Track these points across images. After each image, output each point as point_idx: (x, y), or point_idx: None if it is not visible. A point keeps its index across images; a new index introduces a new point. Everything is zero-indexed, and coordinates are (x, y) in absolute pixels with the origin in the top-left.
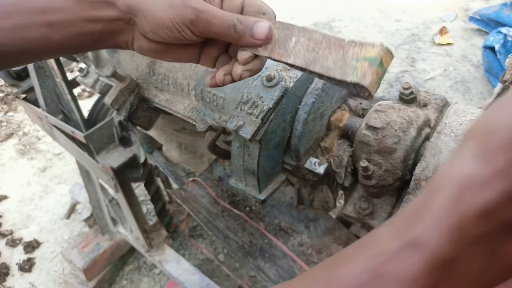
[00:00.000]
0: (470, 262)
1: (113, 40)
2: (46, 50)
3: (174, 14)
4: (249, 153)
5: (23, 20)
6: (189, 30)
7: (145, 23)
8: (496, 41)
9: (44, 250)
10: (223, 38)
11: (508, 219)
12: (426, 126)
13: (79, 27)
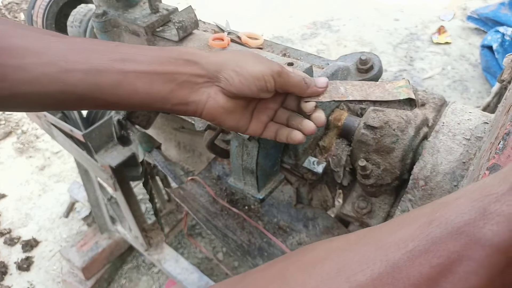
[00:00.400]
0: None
1: (183, 98)
2: (114, 98)
3: (264, 67)
4: (248, 152)
5: (100, 66)
6: (273, 81)
7: (235, 76)
8: (494, 40)
9: (43, 249)
10: (295, 89)
11: None
12: (424, 125)
13: (154, 79)
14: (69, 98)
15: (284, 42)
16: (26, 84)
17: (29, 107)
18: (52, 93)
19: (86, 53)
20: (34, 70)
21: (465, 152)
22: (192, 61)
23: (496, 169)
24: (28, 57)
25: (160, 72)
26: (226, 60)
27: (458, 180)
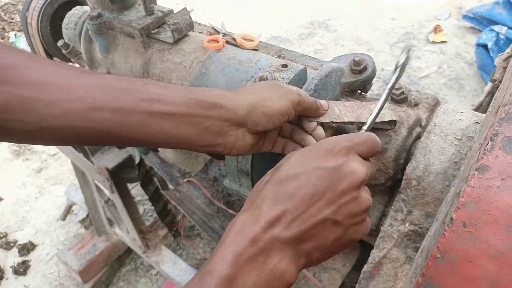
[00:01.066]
0: (246, 275)
1: (211, 140)
2: (140, 137)
3: (285, 101)
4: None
5: (127, 105)
6: (294, 110)
7: (262, 117)
8: (489, 39)
9: (40, 252)
10: (309, 112)
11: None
12: (417, 125)
13: (181, 121)
14: (94, 135)
15: (282, 42)
16: (54, 119)
17: (53, 141)
18: (78, 129)
19: (114, 91)
20: (63, 105)
21: (456, 152)
22: (219, 104)
23: (484, 170)
24: (59, 93)
25: (186, 114)
26: (252, 102)
27: (450, 179)
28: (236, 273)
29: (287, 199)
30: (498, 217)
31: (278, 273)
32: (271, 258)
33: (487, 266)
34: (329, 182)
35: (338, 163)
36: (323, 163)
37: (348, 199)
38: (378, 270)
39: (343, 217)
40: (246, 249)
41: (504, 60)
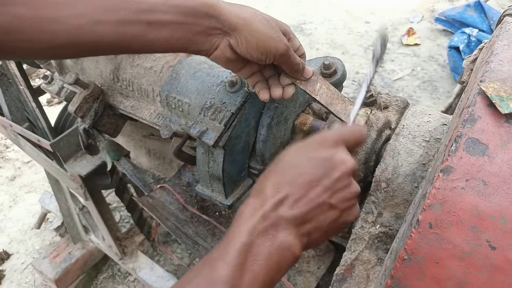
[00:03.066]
0: (261, 245)
1: (199, 46)
2: (139, 46)
3: (271, 46)
4: (214, 159)
5: (128, 16)
6: (274, 59)
7: (244, 42)
8: (461, 41)
9: (14, 261)
10: (288, 69)
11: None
12: (387, 128)
13: (175, 29)
14: (100, 47)
15: None
16: (61, 35)
17: (62, 57)
18: (84, 43)
19: (115, 4)
20: (68, 22)
21: (424, 153)
22: (212, 14)
23: (449, 171)
24: (62, 10)
25: (182, 22)
26: (242, 22)
27: (418, 181)
28: (252, 242)
29: (289, 185)
30: (463, 218)
31: (287, 246)
32: (280, 232)
33: (453, 267)
34: (324, 171)
35: (329, 154)
36: (316, 154)
37: (341, 186)
38: (350, 272)
39: (338, 201)
40: (259, 224)
41: (472, 62)
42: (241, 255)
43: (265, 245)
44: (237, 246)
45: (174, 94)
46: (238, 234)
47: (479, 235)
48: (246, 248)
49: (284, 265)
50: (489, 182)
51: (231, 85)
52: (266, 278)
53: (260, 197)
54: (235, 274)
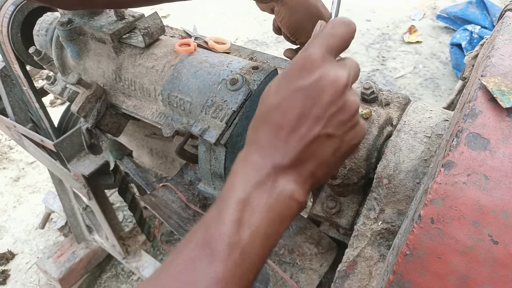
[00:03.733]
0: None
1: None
2: None
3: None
4: (216, 157)
5: None
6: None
7: (282, 15)
8: (463, 38)
9: (19, 261)
10: None
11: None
12: (388, 124)
13: None
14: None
15: (259, 45)
16: None
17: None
18: None
19: None
20: None
21: (426, 149)
22: None
23: (450, 166)
24: None
25: None
26: None
27: (420, 177)
28: (248, 197)
29: (276, 128)
30: (465, 213)
31: (288, 194)
32: (277, 182)
33: (455, 262)
34: (311, 100)
35: (314, 77)
36: (300, 82)
37: (334, 110)
38: (352, 269)
39: (334, 128)
40: (254, 176)
41: (473, 58)
42: (238, 210)
43: (262, 197)
44: (232, 202)
45: (175, 93)
46: (232, 190)
47: (481, 230)
48: (242, 202)
49: (288, 215)
50: (491, 176)
51: (232, 83)
52: (268, 230)
53: (251, 148)
54: (232, 231)
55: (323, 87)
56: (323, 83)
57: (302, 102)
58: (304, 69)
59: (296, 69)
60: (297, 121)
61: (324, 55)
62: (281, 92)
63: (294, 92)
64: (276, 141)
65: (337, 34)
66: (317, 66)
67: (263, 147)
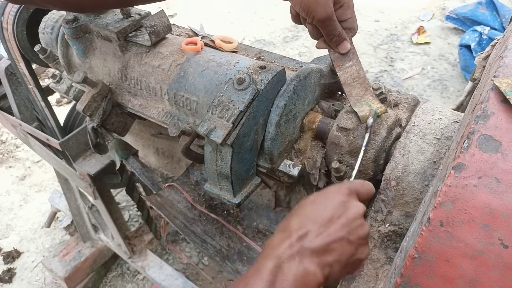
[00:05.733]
0: (288, 268)
1: None
2: None
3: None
4: (222, 157)
5: None
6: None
7: None
8: (472, 40)
9: (25, 259)
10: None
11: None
12: (397, 126)
13: None
14: None
15: (266, 45)
16: None
17: None
18: None
19: None
20: None
21: (435, 151)
22: None
23: (461, 168)
24: None
25: None
26: None
27: (429, 179)
28: (281, 265)
29: (310, 222)
30: (475, 216)
31: (311, 272)
32: (304, 259)
33: (464, 266)
34: (341, 211)
35: (344, 199)
36: (333, 199)
37: (356, 225)
38: (359, 271)
39: (354, 237)
40: (285, 251)
41: (484, 59)
42: (272, 274)
43: (292, 267)
44: (268, 267)
45: (182, 92)
46: (268, 258)
47: (491, 234)
48: (276, 269)
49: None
50: (502, 179)
51: (239, 83)
52: None
53: (285, 231)
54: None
55: (350, 207)
56: (350, 204)
57: (334, 211)
58: (337, 192)
59: (330, 191)
60: (328, 222)
61: (352, 191)
62: (319, 201)
63: (329, 202)
64: (308, 231)
65: (365, 187)
66: (346, 194)
67: (295, 232)
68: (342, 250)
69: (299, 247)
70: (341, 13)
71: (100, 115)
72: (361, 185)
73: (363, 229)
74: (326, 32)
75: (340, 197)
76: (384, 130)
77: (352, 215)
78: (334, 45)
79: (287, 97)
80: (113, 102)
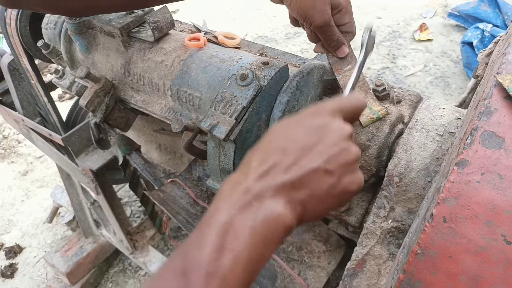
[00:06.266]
0: (242, 221)
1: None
2: None
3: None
4: (225, 153)
5: None
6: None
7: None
8: (474, 37)
9: (27, 255)
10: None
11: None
12: (399, 122)
13: None
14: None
15: (268, 41)
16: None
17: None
18: None
19: None
20: None
21: (438, 148)
22: None
23: (464, 165)
24: None
25: None
26: None
27: (432, 176)
28: (232, 219)
29: (276, 154)
30: (478, 212)
31: (274, 216)
32: (264, 203)
33: (467, 262)
34: (318, 137)
35: (324, 121)
36: (310, 122)
37: (338, 150)
38: (361, 267)
39: (335, 166)
40: (239, 198)
41: (487, 56)
42: (219, 235)
43: (247, 219)
44: (213, 227)
45: (185, 88)
46: (216, 212)
47: (494, 230)
48: (225, 226)
49: (274, 238)
50: (505, 175)
51: (242, 79)
52: (252, 255)
53: (244, 170)
54: (211, 257)
55: (331, 130)
56: (331, 126)
57: (309, 137)
58: (316, 113)
59: (308, 112)
60: (300, 151)
61: (335, 110)
62: (290, 127)
63: (302, 128)
64: (272, 165)
65: (351, 103)
66: (328, 114)
67: (256, 169)
68: (318, 183)
69: (258, 188)
70: (339, 17)
71: (103, 111)
72: (347, 101)
73: (347, 153)
74: (324, 38)
75: (318, 120)
76: (387, 126)
77: (332, 139)
78: (332, 50)
79: (290, 93)
80: (116, 97)
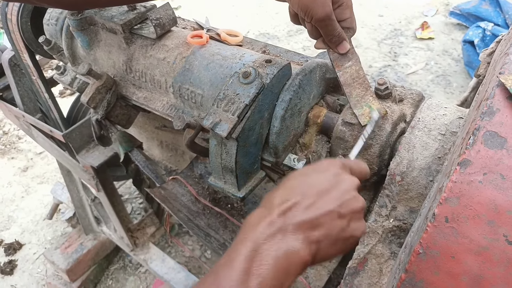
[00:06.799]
0: (268, 250)
1: None
2: None
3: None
4: (227, 151)
5: None
6: (311, 20)
7: None
8: (475, 35)
9: (26, 251)
10: (324, 36)
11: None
12: (401, 121)
13: None
14: None
15: (270, 39)
16: None
17: None
18: None
19: None
20: None
21: (440, 147)
22: None
23: (466, 164)
24: None
25: None
26: None
27: (433, 175)
28: (258, 247)
29: (297, 195)
30: (480, 212)
31: (295, 250)
32: (287, 237)
33: (469, 262)
34: (333, 183)
35: (337, 171)
36: (325, 171)
37: (349, 197)
38: (363, 266)
39: (346, 210)
40: (266, 229)
41: (489, 55)
42: (247, 260)
43: (271, 249)
44: (243, 252)
45: (187, 85)
46: (244, 240)
47: (496, 230)
48: (252, 253)
49: (293, 270)
50: (507, 176)
51: (245, 76)
52: (274, 282)
53: (267, 206)
54: (240, 279)
55: (343, 179)
56: (344, 176)
57: (324, 183)
58: (330, 164)
59: (322, 164)
60: (318, 194)
61: (345, 166)
62: (308, 173)
63: (319, 175)
64: (293, 204)
65: (359, 167)
66: (340, 167)
67: (278, 207)
68: (331, 225)
69: (281, 223)
70: (339, 12)
71: (105, 107)
72: (355, 163)
73: (356, 202)
74: (325, 32)
75: (332, 170)
76: (389, 125)
77: (344, 187)
78: (333, 45)
79: (293, 91)
80: (118, 94)
